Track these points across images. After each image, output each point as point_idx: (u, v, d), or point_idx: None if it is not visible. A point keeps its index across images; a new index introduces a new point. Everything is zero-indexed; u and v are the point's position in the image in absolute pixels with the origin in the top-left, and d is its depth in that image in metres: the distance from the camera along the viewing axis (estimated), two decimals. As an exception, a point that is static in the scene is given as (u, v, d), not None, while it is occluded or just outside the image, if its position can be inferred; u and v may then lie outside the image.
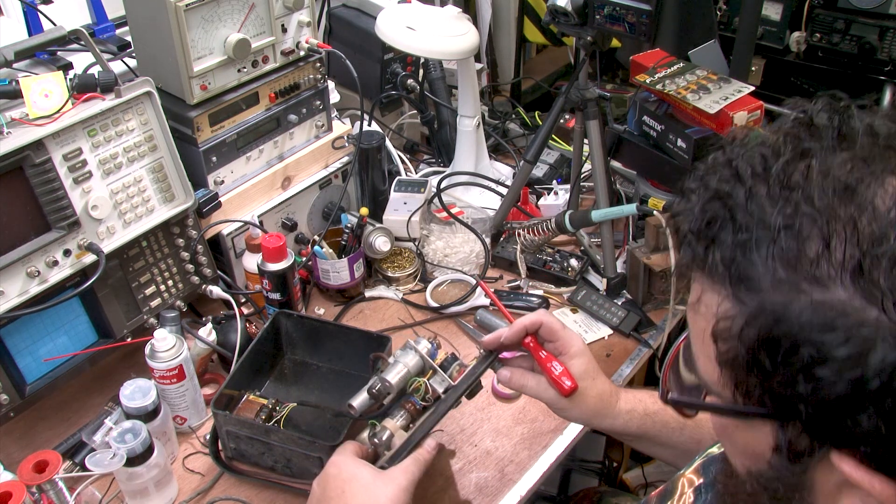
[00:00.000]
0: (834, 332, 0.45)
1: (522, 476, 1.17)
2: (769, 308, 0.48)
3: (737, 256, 0.50)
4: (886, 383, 0.44)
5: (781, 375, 0.48)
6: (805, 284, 0.47)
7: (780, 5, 2.07)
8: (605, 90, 1.90)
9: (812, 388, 0.47)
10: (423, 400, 1.05)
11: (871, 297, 0.45)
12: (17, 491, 0.93)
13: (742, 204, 0.50)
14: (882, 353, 0.44)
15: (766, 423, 0.53)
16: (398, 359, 1.04)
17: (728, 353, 0.51)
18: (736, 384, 0.52)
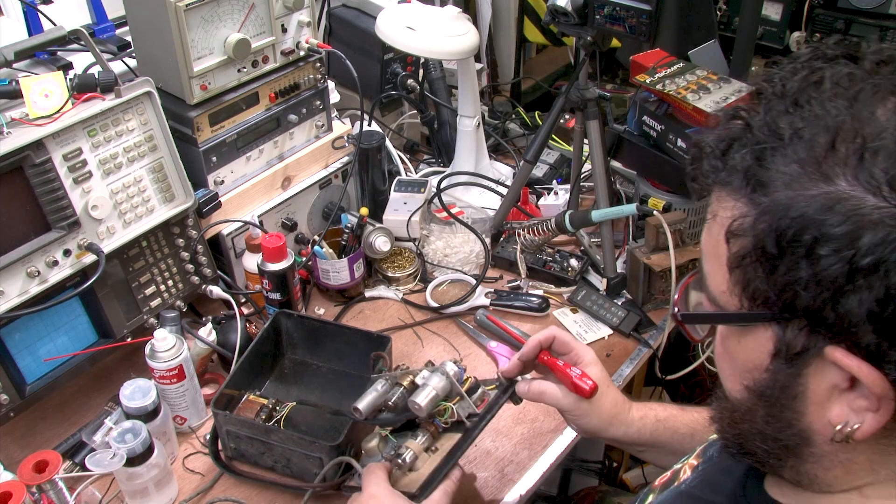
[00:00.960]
0: (834, 214, 0.50)
1: (522, 476, 1.17)
2: (780, 202, 0.53)
3: (753, 164, 0.55)
4: (877, 261, 0.48)
5: (786, 262, 0.53)
6: (812, 180, 0.52)
7: (780, 5, 2.07)
8: (605, 90, 1.90)
9: (812, 272, 0.51)
10: (444, 423, 1.05)
11: (870, 186, 0.50)
12: (17, 491, 0.93)
13: (759, 119, 0.56)
14: (874, 232, 0.49)
15: (767, 328, 0.57)
16: (427, 381, 1.03)
17: (739, 251, 0.56)
18: (744, 286, 0.57)
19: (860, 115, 0.52)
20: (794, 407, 0.58)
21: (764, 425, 0.61)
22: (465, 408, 1.05)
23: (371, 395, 1.07)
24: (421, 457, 1.04)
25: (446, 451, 1.04)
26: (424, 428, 1.07)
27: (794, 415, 0.59)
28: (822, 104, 0.54)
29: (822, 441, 0.58)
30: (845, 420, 0.55)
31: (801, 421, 0.59)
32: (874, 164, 0.50)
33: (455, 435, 1.06)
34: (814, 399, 0.57)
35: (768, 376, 0.59)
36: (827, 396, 0.56)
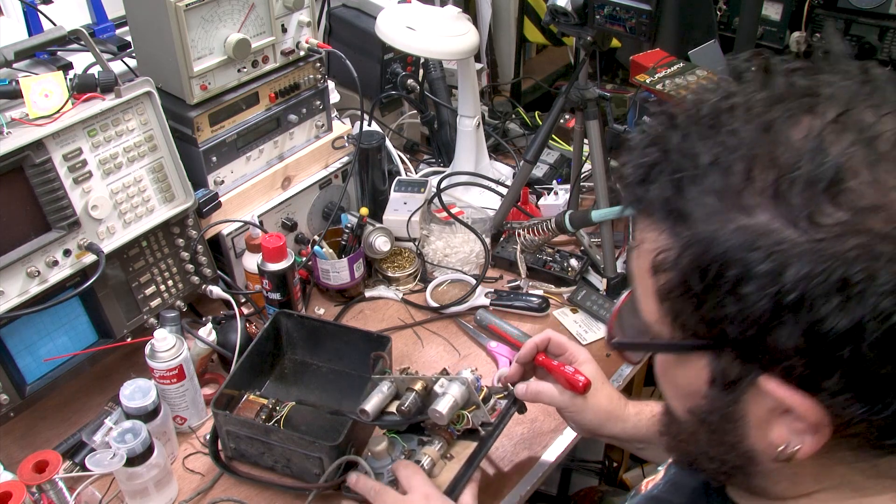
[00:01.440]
0: (756, 251, 0.49)
1: (522, 476, 1.17)
2: (701, 237, 0.52)
3: (672, 194, 0.54)
4: (801, 296, 0.48)
5: (712, 298, 0.52)
6: (732, 213, 0.51)
7: (780, 5, 2.07)
8: (605, 90, 1.90)
9: (738, 308, 0.51)
10: (457, 430, 1.08)
11: (789, 218, 0.49)
12: (17, 491, 0.93)
13: (675, 145, 0.55)
14: (797, 267, 0.48)
15: (702, 356, 0.57)
16: (447, 389, 1.05)
17: (666, 284, 0.55)
18: (673, 317, 0.56)
19: (775, 141, 0.51)
20: (736, 430, 0.58)
21: (708, 447, 0.62)
22: (479, 416, 1.07)
23: (377, 396, 1.08)
24: (438, 464, 1.06)
25: (461, 458, 1.07)
26: (438, 435, 1.08)
27: (736, 438, 0.59)
28: (736, 130, 0.53)
29: (766, 460, 0.58)
30: (786, 442, 0.55)
31: (744, 443, 0.59)
32: (792, 194, 0.49)
33: (468, 442, 1.09)
34: (754, 423, 0.57)
35: (707, 402, 0.59)
36: (766, 420, 0.56)
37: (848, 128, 0.50)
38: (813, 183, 0.49)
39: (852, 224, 0.48)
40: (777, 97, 0.53)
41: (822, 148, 0.49)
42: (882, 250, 0.47)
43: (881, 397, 0.50)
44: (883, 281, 0.47)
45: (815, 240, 0.48)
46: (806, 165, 0.49)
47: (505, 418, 1.09)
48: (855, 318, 0.47)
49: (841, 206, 0.48)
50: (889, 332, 0.47)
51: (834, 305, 0.47)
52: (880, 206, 0.48)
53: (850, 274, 0.47)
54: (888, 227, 0.47)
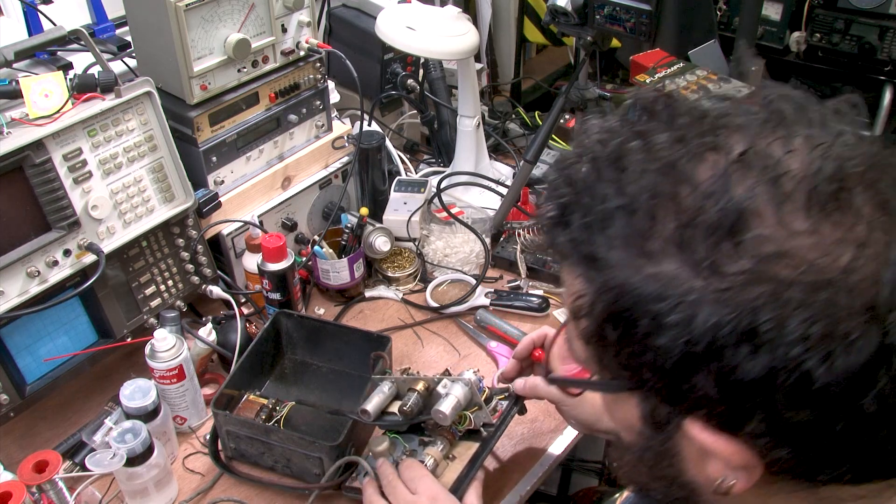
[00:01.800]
0: (665, 302, 0.49)
1: (523, 476, 1.17)
2: (612, 284, 0.51)
3: (584, 238, 0.53)
4: (711, 343, 0.47)
5: (628, 347, 0.52)
6: (641, 260, 0.50)
7: (780, 5, 2.07)
8: (605, 90, 1.90)
9: (654, 357, 0.50)
10: (459, 431, 1.09)
11: (694, 266, 0.48)
12: (17, 491, 0.93)
13: (585, 187, 0.54)
14: (704, 317, 0.47)
15: (631, 395, 0.57)
16: (450, 390, 1.05)
17: (585, 330, 0.55)
18: (598, 360, 0.57)
19: (679, 181, 0.50)
20: (673, 465, 0.58)
21: (650, 480, 0.62)
22: (481, 417, 1.08)
23: (378, 396, 1.08)
24: (441, 464, 1.06)
25: (464, 459, 1.07)
26: (440, 435, 1.09)
27: (674, 472, 0.59)
28: (639, 172, 0.51)
29: (707, 492, 0.58)
30: (722, 476, 0.54)
31: (683, 477, 0.58)
32: (696, 241, 0.48)
33: (469, 443, 1.09)
34: (689, 458, 0.57)
35: (643, 439, 0.59)
36: (700, 456, 0.55)
37: (752, 166, 0.49)
38: (715, 229, 0.48)
39: (757, 272, 0.47)
40: (682, 135, 0.52)
41: (726, 189, 0.48)
42: (790, 297, 0.46)
43: (803, 440, 0.50)
44: (792, 329, 0.46)
45: (719, 289, 0.47)
46: (709, 209, 0.48)
47: (506, 419, 1.09)
48: (766, 367, 0.47)
49: (744, 253, 0.47)
50: (801, 378, 0.46)
51: (744, 354, 0.47)
52: (785, 253, 0.47)
53: (758, 323, 0.46)
54: (794, 274, 0.46)
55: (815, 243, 0.47)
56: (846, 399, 0.47)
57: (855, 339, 0.46)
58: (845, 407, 0.48)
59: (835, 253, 0.47)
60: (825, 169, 0.48)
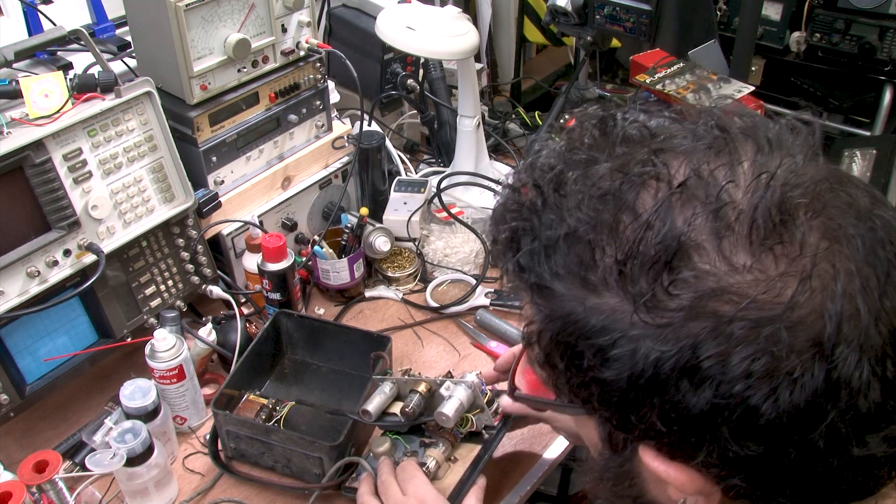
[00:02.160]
0: (608, 336, 0.48)
1: (522, 476, 1.17)
2: (557, 314, 0.51)
3: (532, 265, 0.52)
4: (653, 376, 0.47)
5: (575, 377, 0.52)
6: (584, 291, 0.50)
7: (780, 5, 2.07)
8: (605, 90, 1.90)
9: (599, 388, 0.50)
10: (461, 433, 1.09)
11: (634, 300, 0.47)
12: (17, 491, 0.93)
13: (534, 213, 0.53)
14: (646, 351, 0.47)
15: (589, 418, 0.57)
16: (453, 393, 1.06)
17: (537, 356, 0.55)
18: (554, 384, 0.57)
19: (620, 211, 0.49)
20: (635, 485, 0.58)
21: (614, 498, 0.61)
22: (483, 420, 1.08)
23: (379, 397, 1.08)
24: (443, 466, 1.06)
25: (465, 461, 1.07)
26: (442, 437, 1.09)
27: (637, 491, 0.59)
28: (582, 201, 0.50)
29: None
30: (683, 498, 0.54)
31: (646, 497, 0.58)
32: (635, 275, 0.47)
33: (471, 445, 1.10)
34: (651, 479, 0.56)
35: (605, 459, 0.58)
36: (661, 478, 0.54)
37: (695, 195, 0.48)
38: (654, 262, 0.47)
39: (697, 308, 0.46)
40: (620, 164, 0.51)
41: (666, 220, 0.47)
42: (731, 332, 0.45)
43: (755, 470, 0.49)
44: (734, 364, 0.45)
45: (660, 325, 0.46)
46: (649, 241, 0.47)
47: (508, 421, 1.10)
48: (708, 402, 0.46)
49: (684, 289, 0.46)
50: (747, 413, 0.46)
51: (686, 389, 0.46)
52: (725, 289, 0.45)
53: (700, 359, 0.45)
54: (735, 310, 0.45)
55: (756, 279, 0.46)
56: (794, 433, 0.46)
57: (800, 375, 0.45)
58: (794, 440, 0.47)
59: (777, 288, 0.45)
60: (768, 199, 0.47)
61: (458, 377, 1.09)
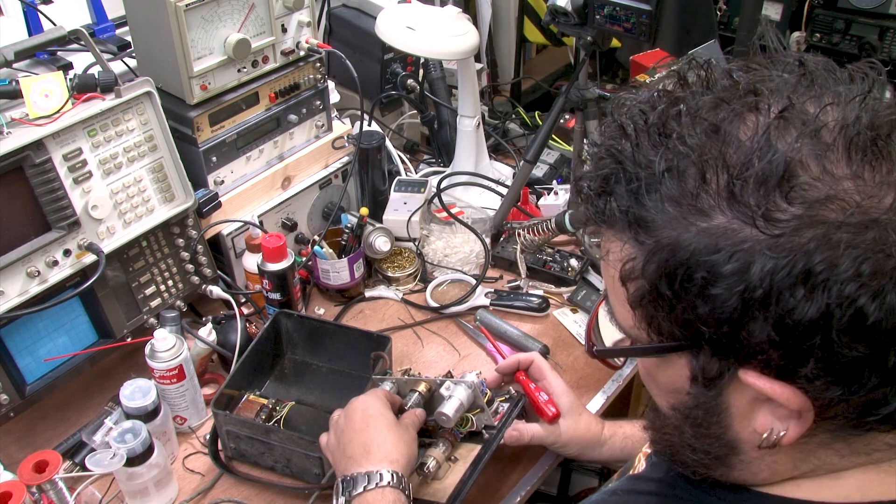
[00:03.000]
0: (720, 253, 0.51)
1: (522, 476, 1.17)
2: (664, 243, 0.53)
3: (631, 203, 0.55)
4: (768, 291, 0.50)
5: (683, 302, 0.54)
6: (691, 217, 0.53)
7: (780, 5, 2.07)
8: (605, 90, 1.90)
9: (710, 308, 0.52)
10: (461, 433, 1.10)
11: (746, 217, 0.50)
12: (17, 491, 0.93)
13: (629, 155, 0.56)
14: (760, 264, 0.49)
15: (681, 356, 0.58)
16: (453, 393, 1.07)
17: (636, 292, 0.57)
18: (649, 322, 0.58)
19: (724, 141, 0.53)
20: (720, 422, 0.60)
21: (692, 440, 0.63)
22: (483, 420, 1.09)
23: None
24: (443, 466, 1.07)
25: (466, 461, 1.07)
26: (442, 437, 1.09)
27: (720, 429, 0.61)
28: (686, 136, 0.54)
29: (749, 448, 0.60)
30: (770, 428, 0.56)
31: (728, 433, 0.60)
32: (746, 194, 0.51)
33: (471, 445, 1.10)
34: (738, 413, 0.59)
35: (690, 398, 0.60)
36: (750, 409, 0.57)
37: (792, 122, 0.52)
38: (764, 181, 0.50)
39: (807, 217, 0.49)
40: (721, 98, 0.55)
41: (770, 144, 0.51)
42: (840, 238, 0.48)
43: (856, 378, 0.52)
44: (844, 268, 0.48)
45: (773, 235, 0.49)
46: (756, 164, 0.51)
47: (508, 421, 1.10)
48: (821, 307, 0.49)
49: (794, 200, 0.50)
50: (855, 315, 0.49)
51: (800, 297, 0.49)
52: (832, 197, 0.49)
53: (812, 265, 0.48)
54: (843, 216, 0.49)
55: (858, 186, 0.50)
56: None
57: None
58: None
59: (878, 195, 0.50)
60: (860, 119, 0.51)
61: (458, 377, 1.09)
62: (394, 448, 0.96)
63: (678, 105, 0.56)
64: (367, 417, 1.00)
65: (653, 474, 0.75)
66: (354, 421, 1.00)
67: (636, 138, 0.56)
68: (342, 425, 1.01)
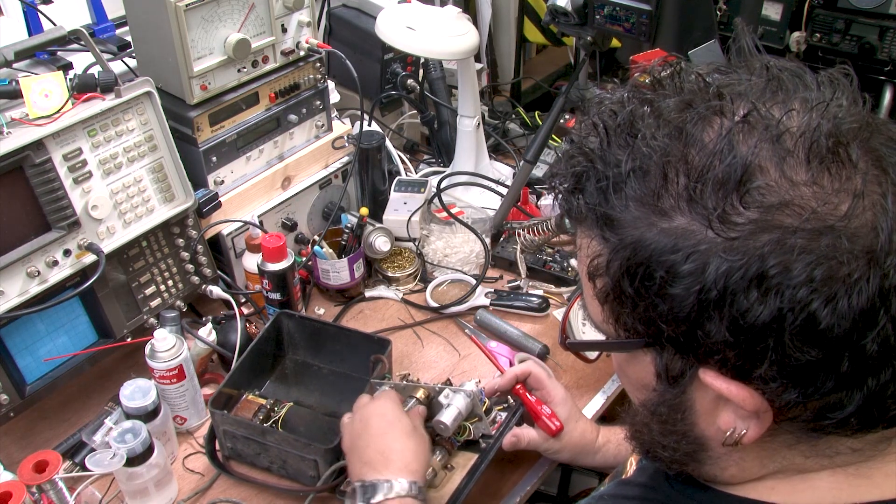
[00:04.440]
0: (678, 253, 0.52)
1: (522, 476, 1.17)
2: (628, 241, 0.55)
3: (600, 201, 0.56)
4: (723, 292, 0.51)
5: (644, 300, 0.55)
6: (653, 217, 0.54)
7: (780, 5, 2.07)
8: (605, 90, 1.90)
9: (668, 307, 0.53)
10: (459, 441, 1.10)
11: (704, 219, 0.52)
12: (17, 491, 0.93)
13: (599, 154, 0.57)
14: (716, 265, 0.51)
15: (646, 352, 0.60)
16: (452, 401, 1.07)
17: (602, 288, 0.58)
18: (616, 318, 0.59)
19: (687, 143, 0.53)
20: (685, 419, 0.61)
21: (660, 436, 0.64)
22: (480, 429, 1.09)
23: None
24: (440, 474, 1.07)
25: (462, 470, 1.08)
26: (439, 444, 1.09)
27: (685, 426, 0.62)
28: (651, 137, 0.55)
29: (715, 445, 0.61)
30: (733, 426, 0.57)
31: (695, 430, 0.62)
32: (705, 196, 0.51)
33: (468, 453, 1.10)
34: (702, 411, 0.60)
35: (657, 395, 0.62)
36: (713, 407, 0.58)
37: (755, 126, 0.53)
38: (723, 183, 0.51)
39: (763, 221, 0.50)
40: (687, 101, 0.56)
41: (731, 147, 0.52)
42: (794, 243, 0.49)
43: (811, 381, 0.53)
44: (797, 273, 0.49)
45: (729, 238, 0.50)
46: (716, 166, 0.52)
47: (505, 431, 1.10)
48: (774, 310, 0.50)
49: (750, 204, 0.50)
50: (808, 320, 0.50)
51: (753, 299, 0.50)
52: (789, 202, 0.50)
53: (766, 268, 0.49)
54: (798, 221, 0.50)
55: (815, 193, 0.50)
56: (849, 339, 0.50)
57: (855, 280, 0.49)
58: (849, 347, 0.51)
59: (834, 201, 0.50)
60: (822, 126, 0.52)
61: (457, 385, 1.09)
62: (414, 458, 0.97)
63: (646, 106, 0.57)
64: (386, 423, 1.00)
65: (638, 479, 0.76)
66: (371, 426, 1.00)
67: (606, 137, 0.57)
68: (358, 429, 1.01)
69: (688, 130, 0.54)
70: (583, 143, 0.59)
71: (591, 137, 0.59)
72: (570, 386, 1.31)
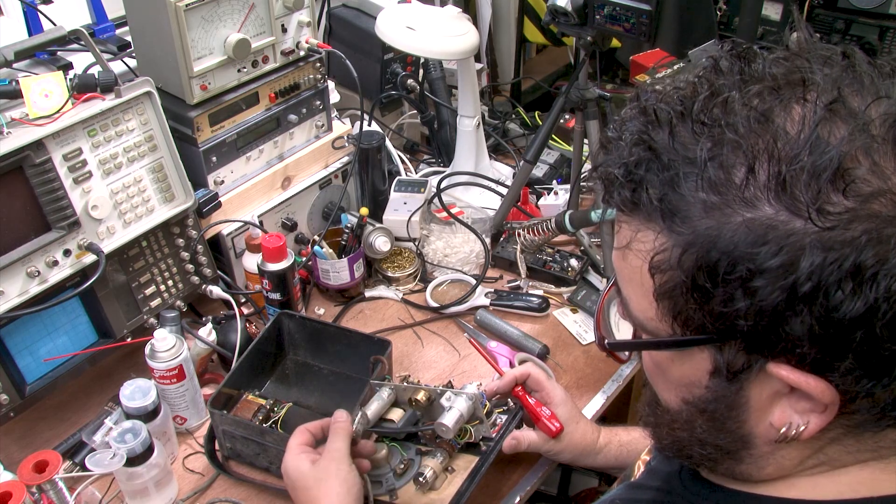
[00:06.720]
0: (766, 245, 0.50)
1: (522, 476, 1.17)
2: (703, 233, 0.52)
3: (667, 192, 0.54)
4: (816, 285, 0.49)
5: (722, 294, 0.52)
6: (735, 207, 0.51)
7: (779, 5, 2.07)
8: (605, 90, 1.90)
9: (750, 302, 0.51)
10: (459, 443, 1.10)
11: (796, 210, 0.49)
12: (17, 491, 0.93)
13: (665, 144, 0.54)
14: (811, 258, 0.48)
15: (704, 350, 0.57)
16: (453, 404, 1.06)
17: (666, 283, 0.55)
18: (675, 315, 0.56)
19: (773, 133, 0.51)
20: (737, 417, 0.59)
21: (704, 434, 0.62)
22: (481, 431, 1.09)
23: (377, 402, 1.08)
24: (440, 476, 1.07)
25: (463, 472, 1.08)
26: (439, 447, 1.09)
27: (735, 423, 0.60)
28: (732, 125, 0.52)
29: (761, 443, 0.60)
30: (788, 422, 0.56)
31: (743, 427, 0.60)
32: (797, 186, 0.50)
33: (468, 456, 1.10)
34: (756, 407, 0.58)
35: (707, 392, 0.59)
36: (769, 403, 0.57)
37: (841, 116, 0.51)
38: (817, 174, 0.49)
39: (859, 211, 0.49)
40: (769, 87, 0.54)
41: (821, 138, 0.50)
42: (890, 233, 0.48)
43: (889, 371, 0.52)
44: (893, 262, 0.48)
45: (825, 229, 0.48)
46: (807, 156, 0.50)
47: (505, 434, 1.10)
48: (868, 302, 0.48)
49: (847, 194, 0.49)
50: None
51: (848, 292, 0.48)
52: (883, 191, 0.49)
53: (863, 259, 0.48)
54: (893, 211, 0.49)
55: None
56: None
57: None
58: None
59: None
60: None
61: (458, 387, 1.09)
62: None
63: (722, 94, 0.54)
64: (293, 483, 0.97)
65: (650, 482, 0.75)
66: (289, 487, 0.99)
67: (673, 126, 0.54)
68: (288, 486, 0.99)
69: (773, 118, 0.52)
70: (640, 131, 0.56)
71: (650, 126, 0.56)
72: (570, 386, 1.31)
